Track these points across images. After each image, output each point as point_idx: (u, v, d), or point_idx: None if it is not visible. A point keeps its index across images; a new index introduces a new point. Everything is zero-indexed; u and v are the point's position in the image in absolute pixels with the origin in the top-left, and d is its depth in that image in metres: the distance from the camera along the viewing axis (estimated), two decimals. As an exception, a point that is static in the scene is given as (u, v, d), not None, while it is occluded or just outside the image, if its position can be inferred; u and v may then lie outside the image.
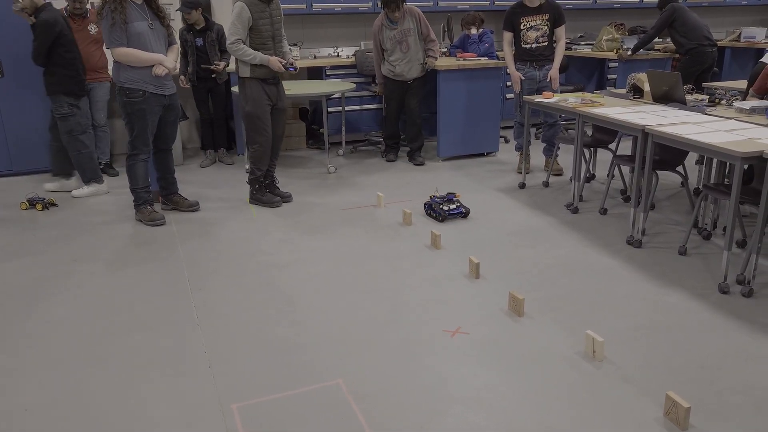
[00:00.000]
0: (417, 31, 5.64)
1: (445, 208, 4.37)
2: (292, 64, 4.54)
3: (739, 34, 7.99)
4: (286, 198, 4.89)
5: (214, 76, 5.83)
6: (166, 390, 2.52)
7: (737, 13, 9.15)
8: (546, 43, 5.32)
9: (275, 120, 4.70)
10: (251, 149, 4.67)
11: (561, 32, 5.34)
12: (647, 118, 3.88)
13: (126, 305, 3.24)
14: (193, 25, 5.66)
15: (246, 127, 4.66)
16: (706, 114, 3.98)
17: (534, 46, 5.32)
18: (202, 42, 5.70)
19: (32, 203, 4.78)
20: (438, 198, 4.46)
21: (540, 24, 5.27)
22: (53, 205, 4.85)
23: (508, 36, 5.41)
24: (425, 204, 4.54)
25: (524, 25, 5.28)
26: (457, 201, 4.45)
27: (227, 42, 4.46)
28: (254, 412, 2.37)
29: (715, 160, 4.18)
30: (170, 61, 4.22)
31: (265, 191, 4.82)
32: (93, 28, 5.36)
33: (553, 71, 5.37)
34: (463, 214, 4.43)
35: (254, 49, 4.42)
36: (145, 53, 4.09)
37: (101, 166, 5.54)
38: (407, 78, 5.73)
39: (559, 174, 5.51)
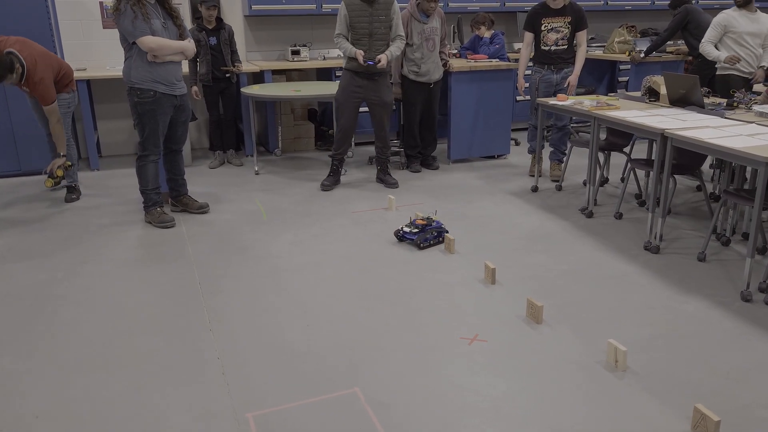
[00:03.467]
0: (440, 32, 5.55)
1: (401, 227, 4.00)
2: (371, 59, 4.82)
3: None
4: (392, 185, 5.26)
5: (228, 75, 5.79)
6: (179, 397, 2.46)
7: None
8: (566, 47, 5.22)
9: (373, 113, 5.16)
10: (335, 130, 5.23)
11: (582, 37, 5.21)
12: (665, 122, 3.82)
13: (136, 309, 3.19)
14: (206, 25, 5.62)
15: (334, 110, 5.23)
16: (726, 118, 3.92)
17: (553, 48, 5.21)
18: (216, 41, 5.66)
19: (51, 175, 4.71)
20: (417, 221, 4.01)
21: (561, 26, 5.16)
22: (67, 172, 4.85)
23: (528, 37, 5.31)
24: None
25: (545, 26, 5.19)
26: (415, 226, 3.95)
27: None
28: (270, 421, 2.32)
29: (733, 165, 4.11)
30: (191, 47, 4.24)
31: (333, 175, 5.26)
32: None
33: (573, 77, 5.24)
34: (416, 243, 3.88)
35: (352, 43, 4.85)
36: (171, 41, 4.09)
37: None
38: (432, 79, 5.55)
39: (556, 181, 5.38)
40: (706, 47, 5.31)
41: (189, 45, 4.20)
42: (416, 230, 3.93)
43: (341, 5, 4.86)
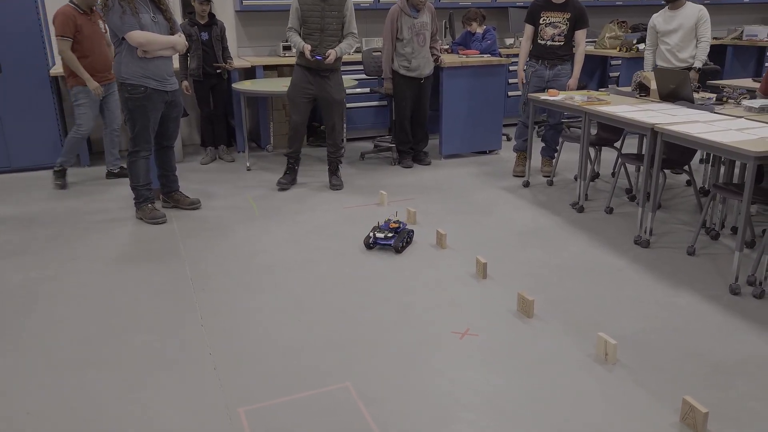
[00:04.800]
0: (430, 27, 5.53)
1: (369, 234, 3.86)
2: (319, 54, 4.69)
3: (742, 32, 7.96)
4: (336, 187, 5.10)
5: (219, 72, 5.78)
6: (171, 393, 2.46)
7: (739, 11, 9.11)
8: (562, 43, 5.12)
9: (323, 110, 5.04)
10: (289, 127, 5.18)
11: (581, 36, 5.12)
12: (656, 117, 3.84)
13: (128, 305, 3.18)
14: (198, 20, 5.60)
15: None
16: (715, 113, 3.94)
17: (549, 43, 5.14)
18: (208, 36, 5.64)
19: None
20: (385, 224, 3.89)
21: (559, 22, 5.08)
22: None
23: (528, 30, 5.23)
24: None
25: (543, 20, 5.11)
26: (387, 231, 3.83)
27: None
28: (262, 416, 2.32)
29: (722, 159, 4.14)
30: (181, 42, 4.21)
31: (289, 174, 5.16)
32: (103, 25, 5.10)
33: (572, 81, 5.19)
34: (393, 247, 3.77)
35: (303, 38, 4.74)
36: (160, 36, 4.06)
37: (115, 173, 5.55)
38: (423, 74, 5.53)
39: (547, 176, 5.41)
40: (646, 55, 5.48)
41: (179, 39, 4.18)
42: (391, 235, 3.82)
43: None
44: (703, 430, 2.17)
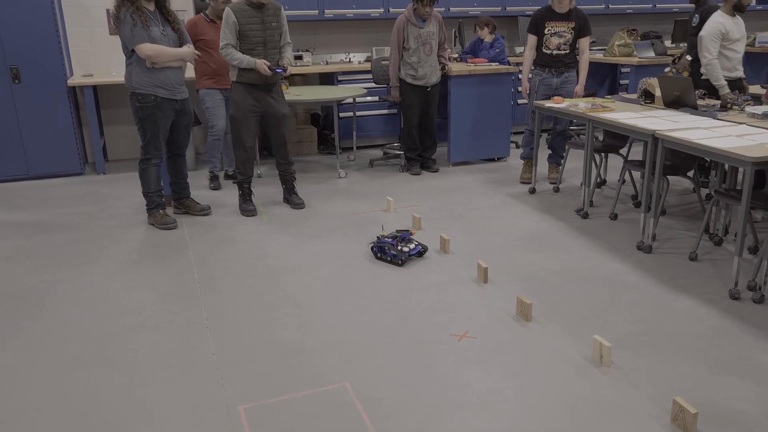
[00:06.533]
0: (438, 36, 5.62)
1: (406, 249, 3.78)
2: (279, 66, 4.51)
3: (754, 39, 7.93)
4: (297, 205, 4.88)
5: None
6: (174, 391, 2.54)
7: (752, 18, 9.08)
8: (567, 51, 5.19)
9: (271, 127, 4.78)
10: (235, 153, 4.71)
11: (585, 43, 5.20)
12: (657, 123, 3.87)
13: (136, 307, 3.27)
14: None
15: (231, 130, 4.78)
16: (718, 119, 3.96)
17: (555, 52, 5.20)
18: None
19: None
20: (388, 238, 3.87)
21: (564, 31, 5.15)
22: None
23: (531, 40, 5.28)
24: (372, 247, 3.89)
25: (548, 30, 5.17)
26: (414, 239, 3.90)
27: (219, 47, 4.49)
28: (261, 413, 2.39)
29: (727, 166, 4.15)
30: (189, 53, 4.30)
31: (246, 198, 4.80)
32: None
33: (579, 87, 5.25)
34: (421, 252, 3.85)
35: (244, 53, 4.45)
36: (169, 48, 4.18)
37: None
38: (429, 83, 5.61)
39: (553, 183, 5.44)
40: (716, 67, 4.82)
41: (187, 51, 4.28)
42: (417, 242, 3.86)
43: (227, 12, 4.40)
44: (692, 431, 2.20)
